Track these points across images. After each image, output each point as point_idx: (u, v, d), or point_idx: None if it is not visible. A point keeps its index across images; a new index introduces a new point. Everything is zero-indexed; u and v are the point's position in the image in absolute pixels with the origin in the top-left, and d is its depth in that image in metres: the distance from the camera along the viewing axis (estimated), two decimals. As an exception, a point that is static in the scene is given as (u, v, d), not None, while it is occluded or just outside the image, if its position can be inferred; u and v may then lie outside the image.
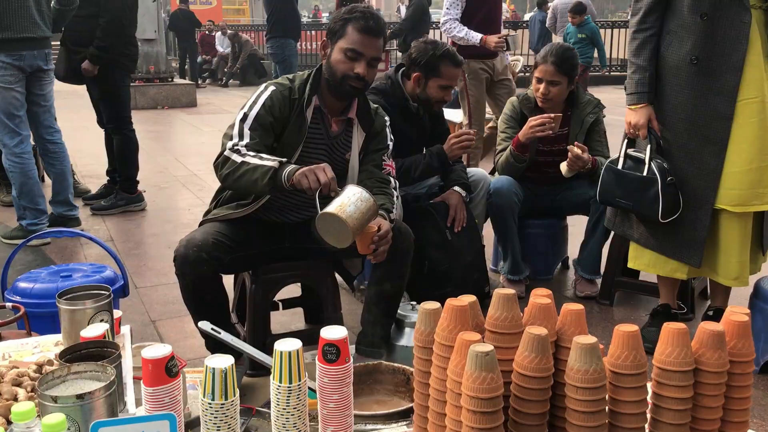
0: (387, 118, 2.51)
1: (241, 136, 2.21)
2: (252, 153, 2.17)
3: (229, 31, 15.12)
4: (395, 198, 2.44)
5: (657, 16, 2.43)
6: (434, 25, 10.39)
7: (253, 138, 2.21)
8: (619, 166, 2.56)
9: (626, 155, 2.56)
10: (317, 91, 2.32)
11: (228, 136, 2.24)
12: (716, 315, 2.58)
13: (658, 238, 2.54)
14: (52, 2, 3.99)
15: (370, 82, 2.33)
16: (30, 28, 3.82)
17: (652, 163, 2.43)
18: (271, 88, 2.29)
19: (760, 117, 2.33)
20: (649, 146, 2.46)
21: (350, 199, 1.96)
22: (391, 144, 2.51)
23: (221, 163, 2.21)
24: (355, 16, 2.25)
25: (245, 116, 2.24)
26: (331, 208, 1.95)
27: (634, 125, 2.49)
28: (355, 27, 2.24)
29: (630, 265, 2.72)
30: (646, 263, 2.64)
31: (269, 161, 2.12)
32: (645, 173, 2.44)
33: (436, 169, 2.97)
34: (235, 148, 2.19)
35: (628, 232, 2.66)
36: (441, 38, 5.54)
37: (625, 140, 2.57)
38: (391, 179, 2.46)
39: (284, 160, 2.14)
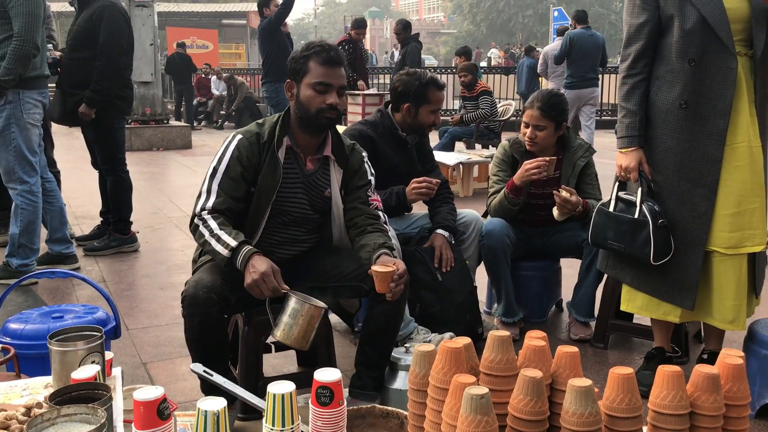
0: (365, 153, 2.54)
1: (208, 194, 2.29)
2: (214, 225, 2.23)
3: (225, 74, 15.30)
4: (389, 232, 2.46)
5: (646, 61, 2.48)
6: (431, 69, 10.53)
7: (220, 195, 2.28)
8: (611, 209, 2.59)
9: (617, 198, 2.59)
10: (288, 132, 2.36)
11: (198, 195, 2.32)
12: (711, 358, 2.57)
13: (651, 281, 2.55)
14: None
15: (342, 112, 2.39)
16: (46, 67, 3.93)
17: (643, 206, 2.46)
18: (238, 137, 2.33)
19: (748, 161, 2.37)
20: (640, 189, 2.49)
21: (293, 320, 2.11)
22: (372, 179, 2.53)
23: (192, 231, 2.31)
24: (314, 50, 2.29)
25: (215, 171, 2.31)
26: (279, 333, 2.13)
27: (625, 168, 2.52)
28: (317, 61, 2.28)
29: (623, 307, 2.71)
30: (639, 306, 2.64)
31: (222, 248, 2.19)
32: (636, 216, 2.46)
33: (393, 208, 3.00)
34: (202, 215, 2.27)
35: (621, 275, 2.67)
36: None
37: (616, 183, 2.60)
38: (380, 213, 2.49)
39: (235, 245, 2.18)
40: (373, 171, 2.55)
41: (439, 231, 3.02)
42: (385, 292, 2.18)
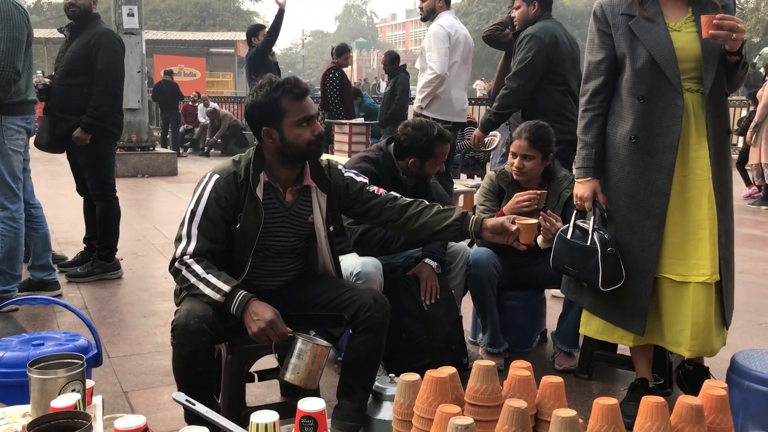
0: (341, 165, 2.55)
1: (188, 238, 2.26)
2: (199, 269, 2.22)
3: (207, 108, 15.20)
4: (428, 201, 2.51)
5: (604, 96, 2.59)
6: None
7: (200, 239, 2.26)
8: (568, 236, 2.68)
9: (575, 225, 2.68)
10: (264, 168, 2.34)
11: (178, 238, 2.29)
12: (696, 370, 2.68)
13: (606, 306, 2.63)
14: None
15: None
16: (33, 92, 3.92)
17: (594, 234, 2.55)
18: (215, 177, 2.31)
19: (695, 192, 2.47)
20: (593, 217, 2.58)
21: (300, 361, 2.16)
22: (363, 179, 2.53)
23: (173, 274, 2.28)
24: (284, 88, 2.26)
25: (193, 213, 2.28)
26: (289, 375, 2.17)
27: (580, 197, 2.63)
28: (290, 98, 2.26)
29: (581, 331, 2.80)
30: (595, 330, 2.72)
31: (213, 292, 2.18)
32: (588, 243, 2.56)
33: (416, 242, 3.01)
34: (184, 260, 2.24)
35: (580, 299, 2.77)
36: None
37: (576, 211, 2.69)
38: (393, 193, 2.52)
39: (228, 290, 2.18)
40: (357, 172, 2.57)
41: (428, 261, 3.02)
42: (530, 243, 2.35)
